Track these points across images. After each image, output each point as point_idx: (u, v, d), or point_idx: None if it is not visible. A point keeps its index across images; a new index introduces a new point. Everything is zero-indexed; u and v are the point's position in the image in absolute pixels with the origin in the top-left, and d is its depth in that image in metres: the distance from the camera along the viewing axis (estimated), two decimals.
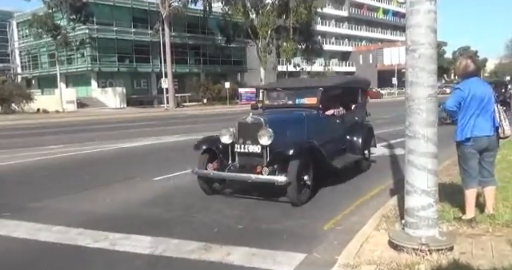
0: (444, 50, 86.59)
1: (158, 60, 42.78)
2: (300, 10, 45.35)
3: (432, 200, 3.79)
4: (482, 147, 4.38)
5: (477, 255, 3.67)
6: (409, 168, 3.85)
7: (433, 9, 3.70)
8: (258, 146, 5.94)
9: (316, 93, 7.15)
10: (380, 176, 7.64)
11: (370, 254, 3.81)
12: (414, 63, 3.74)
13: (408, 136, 3.84)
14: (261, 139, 5.84)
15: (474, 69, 4.45)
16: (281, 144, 5.80)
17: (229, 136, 6.22)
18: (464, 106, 4.32)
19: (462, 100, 4.32)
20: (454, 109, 4.37)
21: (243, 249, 4.23)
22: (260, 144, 5.90)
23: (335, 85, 7.85)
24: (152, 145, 12.99)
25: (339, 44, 77.15)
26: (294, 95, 7.66)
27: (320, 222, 5.08)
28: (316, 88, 7.25)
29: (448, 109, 4.40)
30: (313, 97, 7.18)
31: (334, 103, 7.71)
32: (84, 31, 41.09)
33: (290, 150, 5.68)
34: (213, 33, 51.91)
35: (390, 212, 4.98)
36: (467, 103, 4.30)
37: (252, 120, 6.07)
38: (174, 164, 9.17)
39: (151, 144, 13.15)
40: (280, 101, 7.80)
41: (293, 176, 5.57)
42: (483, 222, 4.36)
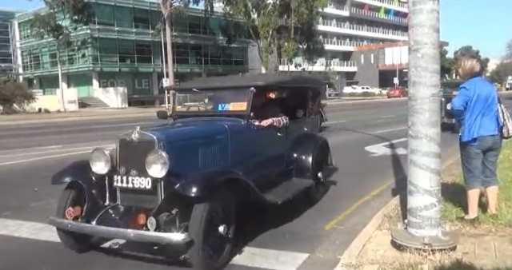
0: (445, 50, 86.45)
1: (160, 60, 42.84)
2: (301, 10, 45.32)
3: (435, 200, 3.78)
4: (486, 147, 4.37)
5: (480, 255, 3.66)
6: (411, 168, 3.84)
7: (436, 9, 3.69)
8: (147, 179, 3.78)
9: (246, 95, 4.94)
10: (382, 175, 7.62)
11: (373, 254, 3.81)
12: (417, 63, 3.73)
13: (411, 135, 3.83)
14: (150, 168, 3.67)
15: (477, 69, 4.45)
16: (183, 176, 3.68)
17: (104, 163, 4.05)
18: (470, 106, 4.31)
19: (469, 99, 4.31)
20: (461, 109, 4.36)
21: (245, 249, 4.23)
22: (150, 177, 3.74)
23: (274, 85, 5.38)
24: None
25: (340, 44, 77.13)
26: (216, 98, 5.69)
27: (322, 222, 5.07)
28: (245, 88, 5.01)
29: (456, 109, 4.38)
30: (241, 101, 5.02)
31: (273, 109, 5.60)
32: (85, 31, 41.17)
33: (193, 187, 3.53)
34: (214, 33, 51.95)
35: (393, 212, 4.97)
36: (473, 103, 4.29)
37: (139, 137, 3.90)
38: None
39: None
40: (197, 106, 5.89)
41: (196, 232, 3.47)
42: (486, 222, 4.35)
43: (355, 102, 45.49)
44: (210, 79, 11.41)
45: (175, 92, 6.37)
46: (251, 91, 4.92)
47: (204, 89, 5.92)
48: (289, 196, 4.99)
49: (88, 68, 43.86)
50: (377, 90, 65.02)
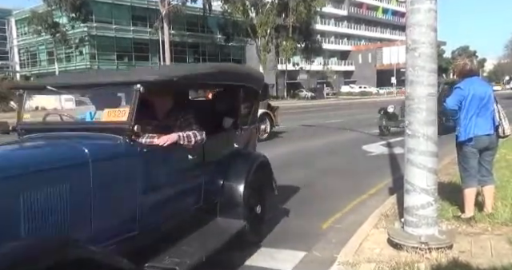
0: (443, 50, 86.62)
1: (157, 58, 42.83)
2: (300, 9, 45.35)
3: (431, 199, 3.79)
4: (482, 146, 4.39)
5: (476, 253, 3.68)
6: (408, 167, 3.86)
7: (433, 8, 3.70)
8: None
9: (129, 96, 3.21)
10: (379, 174, 7.64)
11: (370, 252, 3.82)
12: (414, 62, 3.74)
13: (408, 134, 3.85)
14: None
15: (473, 69, 4.46)
16: None
17: None
18: (465, 105, 4.33)
19: (463, 99, 4.33)
20: (455, 108, 4.38)
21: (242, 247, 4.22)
22: None
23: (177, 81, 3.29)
24: None
25: (338, 43, 77.13)
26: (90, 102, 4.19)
27: (319, 221, 5.08)
28: (127, 86, 3.20)
29: (449, 108, 4.40)
30: (119, 107, 3.30)
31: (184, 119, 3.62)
32: (83, 29, 41.08)
33: None
34: (212, 32, 51.93)
35: (389, 211, 4.99)
36: (468, 102, 4.31)
37: None
38: None
39: None
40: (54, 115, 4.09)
41: None
42: (482, 221, 4.37)
43: (353, 101, 45.54)
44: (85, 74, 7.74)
45: (23, 92, 4.15)
46: (136, 90, 3.06)
47: (66, 88, 4.12)
48: (202, 255, 3.19)
49: (85, 66, 43.73)
50: (374, 89, 65.06)
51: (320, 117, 20.08)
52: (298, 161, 9.13)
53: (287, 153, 10.24)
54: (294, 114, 25.17)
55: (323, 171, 8.06)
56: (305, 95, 55.76)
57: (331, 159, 9.53)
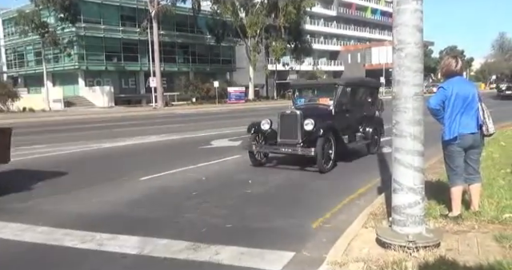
0: (431, 50, 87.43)
1: (147, 58, 42.56)
2: (289, 10, 45.44)
3: (419, 198, 3.82)
4: (467, 144, 4.43)
5: (463, 251, 3.71)
6: (396, 166, 3.88)
7: (419, 9, 3.73)
8: None
9: None
10: (368, 174, 7.69)
11: (358, 251, 3.83)
12: (401, 62, 3.77)
13: (395, 134, 3.87)
14: None
15: (456, 69, 4.50)
16: None
17: None
18: (449, 105, 4.38)
19: (446, 98, 4.38)
20: (438, 108, 4.44)
21: (232, 248, 4.22)
22: None
23: None
24: (139, 145, 12.90)
25: (328, 43, 77.44)
26: None
27: (309, 220, 5.09)
28: None
29: (431, 108, 4.45)
30: None
31: None
32: (71, 29, 40.69)
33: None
34: (202, 32, 51.78)
35: (378, 210, 5.02)
36: (451, 102, 4.36)
37: None
38: (160, 164, 9.13)
39: (139, 144, 13.06)
40: None
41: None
42: (469, 219, 4.41)
43: None
44: None
45: None
46: None
47: None
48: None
49: (74, 66, 43.36)
50: None
51: None
52: (288, 161, 9.14)
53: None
54: None
55: (312, 171, 8.07)
56: None
57: None
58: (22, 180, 8.09)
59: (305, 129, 7.99)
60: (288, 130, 8.25)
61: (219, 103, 43.28)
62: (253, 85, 49.85)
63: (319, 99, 9.56)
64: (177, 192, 6.74)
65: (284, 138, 8.29)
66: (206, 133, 15.58)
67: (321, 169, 7.73)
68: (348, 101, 9.20)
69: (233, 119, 22.54)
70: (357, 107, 9.56)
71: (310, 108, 9.08)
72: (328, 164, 7.97)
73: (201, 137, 14.17)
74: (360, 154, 9.90)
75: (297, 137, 8.10)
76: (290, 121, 8.26)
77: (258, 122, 8.75)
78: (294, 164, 8.61)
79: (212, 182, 7.41)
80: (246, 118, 22.78)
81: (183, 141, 13.48)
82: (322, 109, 8.98)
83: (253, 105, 42.39)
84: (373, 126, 9.75)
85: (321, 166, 7.73)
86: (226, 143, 12.50)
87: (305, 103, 9.64)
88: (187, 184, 7.23)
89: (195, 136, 14.85)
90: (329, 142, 8.03)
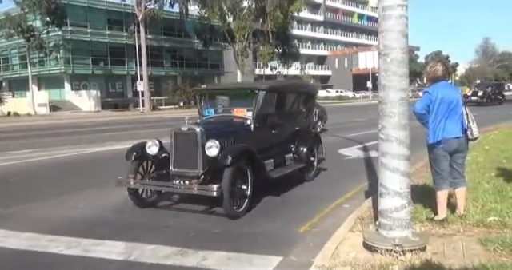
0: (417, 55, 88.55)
1: (134, 62, 42.34)
2: (276, 14, 45.57)
3: (405, 202, 3.85)
4: (451, 149, 4.49)
5: (448, 254, 3.75)
6: (382, 171, 3.91)
7: (404, 15, 3.78)
8: None
9: None
10: (355, 178, 7.73)
11: (345, 256, 3.85)
12: (387, 67, 3.81)
13: (381, 138, 3.91)
14: None
15: (441, 74, 4.57)
16: None
17: None
18: (433, 109, 4.44)
19: (431, 103, 4.45)
20: (423, 112, 4.50)
21: (219, 253, 4.21)
22: None
23: None
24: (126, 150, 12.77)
25: (315, 48, 77.99)
26: None
27: (296, 225, 5.10)
28: None
29: (417, 112, 4.51)
30: None
31: None
32: (57, 33, 40.29)
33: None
34: (189, 36, 51.71)
35: (365, 214, 5.04)
36: (436, 106, 4.42)
37: None
38: None
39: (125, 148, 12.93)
40: None
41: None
42: (454, 222, 4.46)
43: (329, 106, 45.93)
44: None
45: None
46: None
47: None
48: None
49: (60, 70, 42.91)
50: (350, 94, 65.90)
51: None
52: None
53: None
54: None
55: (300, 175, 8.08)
56: None
57: None
58: (6, 185, 7.98)
59: (207, 154, 5.58)
60: (184, 156, 5.77)
61: None
62: None
63: (234, 110, 6.93)
64: (164, 197, 6.69)
65: (179, 167, 5.77)
66: None
67: (229, 214, 5.38)
68: (273, 112, 6.95)
69: None
70: (286, 120, 7.37)
71: (219, 122, 6.78)
72: (242, 205, 5.55)
73: None
74: (345, 158, 9.93)
75: (196, 166, 5.60)
76: (186, 142, 5.77)
77: (142, 144, 6.19)
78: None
79: None
80: None
81: None
82: (236, 123, 6.60)
83: None
84: (308, 144, 7.53)
85: (229, 209, 5.34)
86: None
87: (215, 115, 7.11)
88: None
89: None
90: (242, 174, 5.65)
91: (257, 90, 6.70)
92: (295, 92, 8.16)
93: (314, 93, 8.97)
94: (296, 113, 8.02)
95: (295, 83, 11.71)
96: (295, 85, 9.34)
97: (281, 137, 7.17)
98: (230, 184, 5.32)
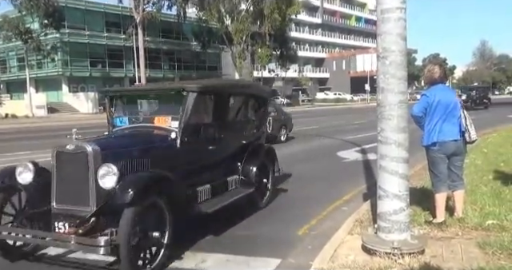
0: (414, 58, 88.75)
1: (132, 65, 42.36)
2: (274, 17, 45.63)
3: (403, 205, 3.85)
4: (449, 151, 4.49)
5: (447, 258, 3.75)
6: (381, 173, 3.91)
7: (403, 18, 3.79)
8: None
9: None
10: (353, 180, 7.72)
11: (344, 258, 3.84)
12: (385, 70, 3.82)
13: (380, 141, 3.90)
14: None
15: (439, 76, 4.58)
16: None
17: None
18: (430, 112, 4.45)
19: (428, 106, 4.46)
20: (420, 115, 4.51)
21: (217, 256, 4.20)
22: None
23: None
24: None
25: (313, 50, 78.06)
26: None
27: (294, 227, 5.09)
28: None
29: (414, 115, 4.51)
30: None
31: None
32: (55, 35, 40.27)
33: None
34: (187, 39, 51.79)
35: (363, 217, 5.04)
36: (433, 109, 4.44)
37: None
38: None
39: None
40: None
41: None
42: (453, 225, 4.46)
43: (328, 108, 46.05)
44: None
45: None
46: None
47: None
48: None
49: (57, 72, 42.86)
50: (348, 96, 66.00)
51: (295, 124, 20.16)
52: None
53: None
54: None
55: (299, 177, 8.08)
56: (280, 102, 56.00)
57: (307, 165, 9.59)
58: None
59: (100, 185, 3.82)
60: (70, 186, 3.99)
61: None
62: None
63: (154, 118, 5.06)
64: None
65: (62, 203, 3.97)
66: None
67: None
68: (210, 122, 5.35)
69: None
70: (229, 131, 5.65)
71: (130, 136, 4.94)
72: (153, 261, 3.85)
73: None
74: (343, 161, 9.93)
75: (86, 202, 3.87)
76: (73, 166, 4.01)
77: (11, 169, 4.27)
78: None
79: None
80: None
81: None
82: (155, 138, 4.80)
83: None
84: (259, 162, 5.90)
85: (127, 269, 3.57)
86: None
87: (129, 126, 5.20)
88: None
89: None
90: (154, 214, 3.91)
91: (185, 91, 4.82)
92: (241, 94, 6.33)
93: (268, 96, 7.12)
94: (243, 122, 6.29)
95: (241, 83, 8.54)
96: (241, 86, 7.03)
97: (221, 155, 5.49)
98: (131, 234, 3.55)
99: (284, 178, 8.12)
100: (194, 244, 4.55)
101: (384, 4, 3.80)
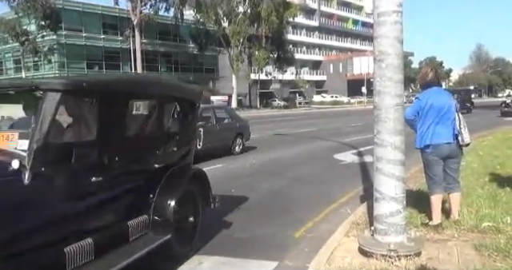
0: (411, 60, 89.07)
1: (129, 67, 42.35)
2: (272, 19, 45.78)
3: (400, 207, 3.86)
4: (443, 154, 4.51)
5: (443, 260, 3.76)
6: (377, 176, 3.92)
7: (399, 21, 3.81)
8: None
9: None
10: (350, 183, 7.73)
11: (341, 261, 3.84)
12: (382, 73, 3.83)
13: (376, 144, 3.91)
14: None
15: (432, 79, 4.61)
16: None
17: None
18: (422, 115, 4.48)
19: (420, 109, 4.49)
20: (412, 118, 4.54)
21: (214, 258, 4.20)
22: None
23: None
24: None
25: (310, 53, 78.29)
26: None
27: (291, 230, 5.09)
28: None
29: (406, 118, 4.52)
30: None
31: None
32: (52, 37, 40.26)
33: None
34: (185, 41, 51.85)
35: (360, 219, 5.04)
36: (425, 112, 4.46)
37: None
38: None
39: None
40: None
41: None
42: (449, 227, 4.47)
43: (324, 111, 46.13)
44: None
45: None
46: None
47: None
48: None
49: (54, 74, 42.74)
50: (345, 99, 66.15)
51: (293, 126, 20.24)
52: (271, 170, 9.16)
53: (261, 163, 10.27)
54: (267, 123, 25.26)
55: (296, 180, 8.10)
56: (277, 104, 56.16)
57: (304, 168, 9.60)
58: None
59: None
60: None
61: None
62: (236, 94, 49.94)
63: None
64: None
65: None
66: None
67: None
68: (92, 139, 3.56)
69: None
70: (130, 152, 3.89)
71: None
72: None
73: None
74: (340, 163, 9.97)
75: None
76: None
77: None
78: None
79: None
80: None
81: None
82: None
83: None
84: (179, 192, 4.13)
85: None
86: None
87: None
88: None
89: None
90: None
91: (39, 91, 3.04)
92: (151, 97, 4.39)
93: (197, 99, 4.99)
94: (155, 137, 4.47)
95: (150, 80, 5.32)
96: (148, 84, 4.45)
97: (115, 188, 3.67)
98: None
99: (281, 181, 8.13)
100: None
101: (380, 7, 3.82)
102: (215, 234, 5.00)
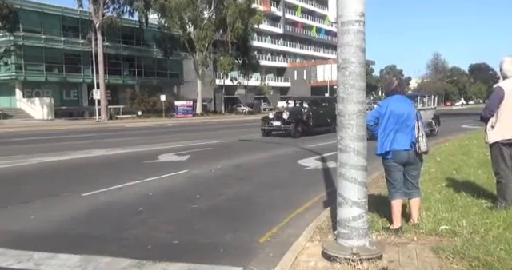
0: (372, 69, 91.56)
1: (90, 70, 41.31)
2: (237, 26, 45.96)
3: (362, 211, 3.95)
4: (402, 160, 4.65)
5: (403, 263, 3.86)
6: (340, 181, 4.00)
7: (361, 30, 3.92)
8: None
9: None
10: (314, 188, 7.83)
11: (305, 265, 3.89)
12: (345, 80, 3.92)
13: (340, 149, 4.00)
14: None
15: (394, 88, 4.77)
16: None
17: None
18: (382, 122, 4.62)
19: (380, 115, 4.63)
20: (371, 124, 4.67)
21: (179, 265, 4.14)
22: None
23: None
24: (81, 159, 12.40)
25: (275, 60, 79.03)
26: None
27: (256, 235, 5.10)
28: None
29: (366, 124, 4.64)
30: None
31: None
32: (8, 38, 38.76)
33: None
34: (149, 45, 51.19)
35: (324, 224, 5.12)
36: (385, 119, 4.60)
37: None
38: (106, 178, 8.83)
39: (80, 158, 12.55)
40: None
41: None
42: (409, 231, 4.60)
43: None
44: None
45: None
46: None
47: None
48: None
49: (10, 77, 41.19)
50: None
51: (257, 132, 20.29)
52: (236, 176, 9.15)
53: (225, 168, 10.24)
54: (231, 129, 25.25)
55: (261, 185, 8.13)
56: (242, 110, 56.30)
57: (268, 173, 9.66)
58: None
59: None
60: None
61: (166, 117, 42.66)
62: (201, 100, 49.70)
63: None
64: (122, 207, 6.53)
65: None
66: (153, 147, 15.27)
67: None
68: None
69: (183, 133, 22.31)
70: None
71: None
72: None
73: (148, 151, 13.86)
74: (304, 169, 10.04)
75: None
76: None
77: None
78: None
79: (159, 197, 7.25)
80: (196, 133, 22.64)
81: (130, 155, 13.11)
82: None
83: (202, 119, 42.19)
84: None
85: None
86: (173, 157, 12.31)
87: None
88: (133, 200, 7.03)
89: (142, 150, 14.51)
90: None
91: None
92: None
93: None
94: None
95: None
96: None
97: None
98: None
99: (245, 186, 8.14)
100: (155, 253, 4.47)
101: (344, 17, 3.92)
102: (180, 240, 4.95)
